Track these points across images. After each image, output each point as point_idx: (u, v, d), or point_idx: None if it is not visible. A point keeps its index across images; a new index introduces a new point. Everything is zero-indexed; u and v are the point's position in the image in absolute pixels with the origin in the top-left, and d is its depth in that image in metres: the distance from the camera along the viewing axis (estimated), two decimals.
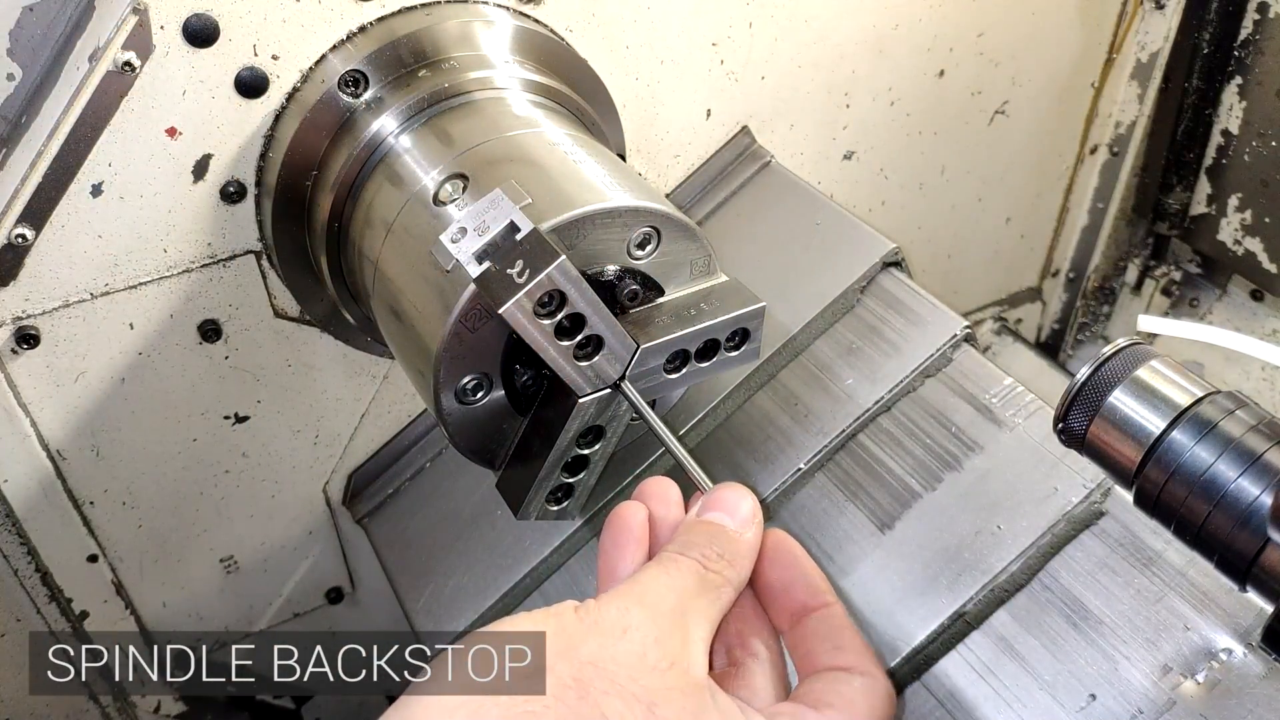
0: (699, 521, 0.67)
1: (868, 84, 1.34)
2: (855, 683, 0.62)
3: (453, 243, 0.74)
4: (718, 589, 0.63)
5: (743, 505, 0.67)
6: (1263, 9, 1.48)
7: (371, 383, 1.19)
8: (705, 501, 0.68)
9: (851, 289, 1.07)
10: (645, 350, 0.78)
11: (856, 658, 0.64)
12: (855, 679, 0.63)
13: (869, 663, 0.64)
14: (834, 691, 0.61)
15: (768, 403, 1.06)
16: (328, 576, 1.33)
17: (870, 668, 0.64)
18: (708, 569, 0.63)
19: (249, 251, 1.04)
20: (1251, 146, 1.56)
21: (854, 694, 0.62)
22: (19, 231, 0.92)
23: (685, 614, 0.60)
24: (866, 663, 0.64)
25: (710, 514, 0.67)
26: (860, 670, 0.63)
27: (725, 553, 0.64)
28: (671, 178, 1.24)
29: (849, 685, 0.62)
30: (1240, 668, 0.79)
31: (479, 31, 0.99)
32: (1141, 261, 1.81)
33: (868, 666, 0.64)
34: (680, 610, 0.60)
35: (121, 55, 0.88)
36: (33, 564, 1.12)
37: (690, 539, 0.65)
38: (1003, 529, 0.90)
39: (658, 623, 0.58)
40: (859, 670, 0.63)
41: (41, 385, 1.01)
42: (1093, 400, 0.72)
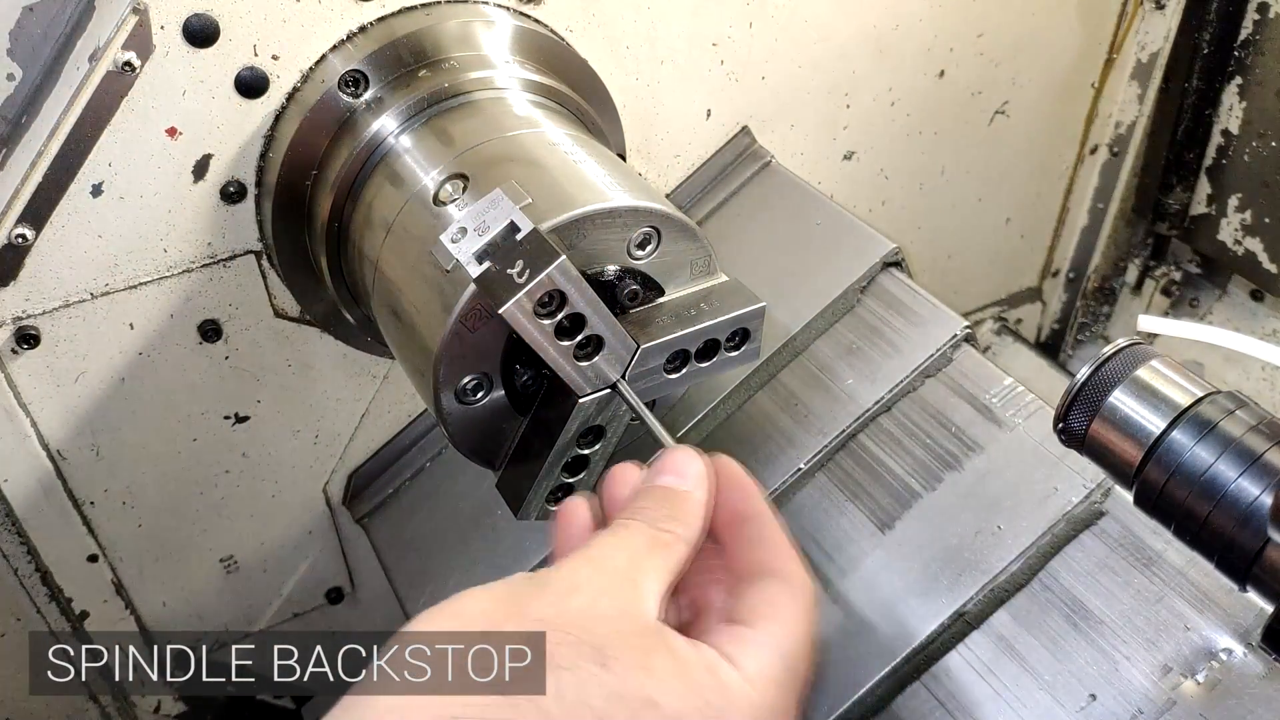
0: (649, 487, 0.67)
1: (868, 84, 1.34)
2: (774, 585, 0.63)
3: (453, 243, 0.73)
4: (669, 546, 0.63)
5: (691, 466, 0.68)
6: (1263, 9, 1.48)
7: (371, 383, 1.19)
8: (655, 467, 0.69)
9: (851, 289, 1.07)
10: (645, 350, 0.78)
11: (777, 559, 0.65)
12: (775, 582, 0.63)
13: (787, 562, 0.65)
14: (762, 601, 0.62)
15: (768, 403, 1.06)
16: (328, 576, 1.33)
17: (787, 565, 0.65)
18: (658, 529, 0.63)
19: (249, 251, 1.04)
20: (1251, 146, 1.56)
21: (776, 596, 0.62)
22: (19, 231, 0.92)
23: (636, 571, 0.60)
24: (785, 562, 0.65)
25: (660, 478, 0.68)
26: (780, 573, 0.64)
27: (676, 513, 0.65)
28: (671, 178, 1.24)
29: (771, 589, 0.63)
30: (1240, 668, 0.79)
31: (479, 31, 0.99)
32: (1141, 261, 1.81)
33: (786, 566, 0.65)
34: (631, 569, 0.60)
35: (121, 55, 0.88)
36: (33, 564, 1.12)
37: (640, 504, 0.66)
38: (1003, 529, 0.90)
39: (607, 578, 0.59)
40: (780, 573, 0.64)
41: (41, 385, 1.01)
42: (1093, 400, 0.72)
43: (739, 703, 0.56)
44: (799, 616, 0.62)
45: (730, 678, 0.57)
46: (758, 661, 0.59)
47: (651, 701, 0.54)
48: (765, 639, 0.60)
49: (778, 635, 0.60)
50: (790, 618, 0.62)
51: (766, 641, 0.60)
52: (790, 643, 0.61)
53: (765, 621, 0.61)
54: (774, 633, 0.60)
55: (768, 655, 0.59)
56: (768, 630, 0.60)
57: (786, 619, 0.61)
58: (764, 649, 0.59)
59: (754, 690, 0.57)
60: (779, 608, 0.62)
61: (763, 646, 0.59)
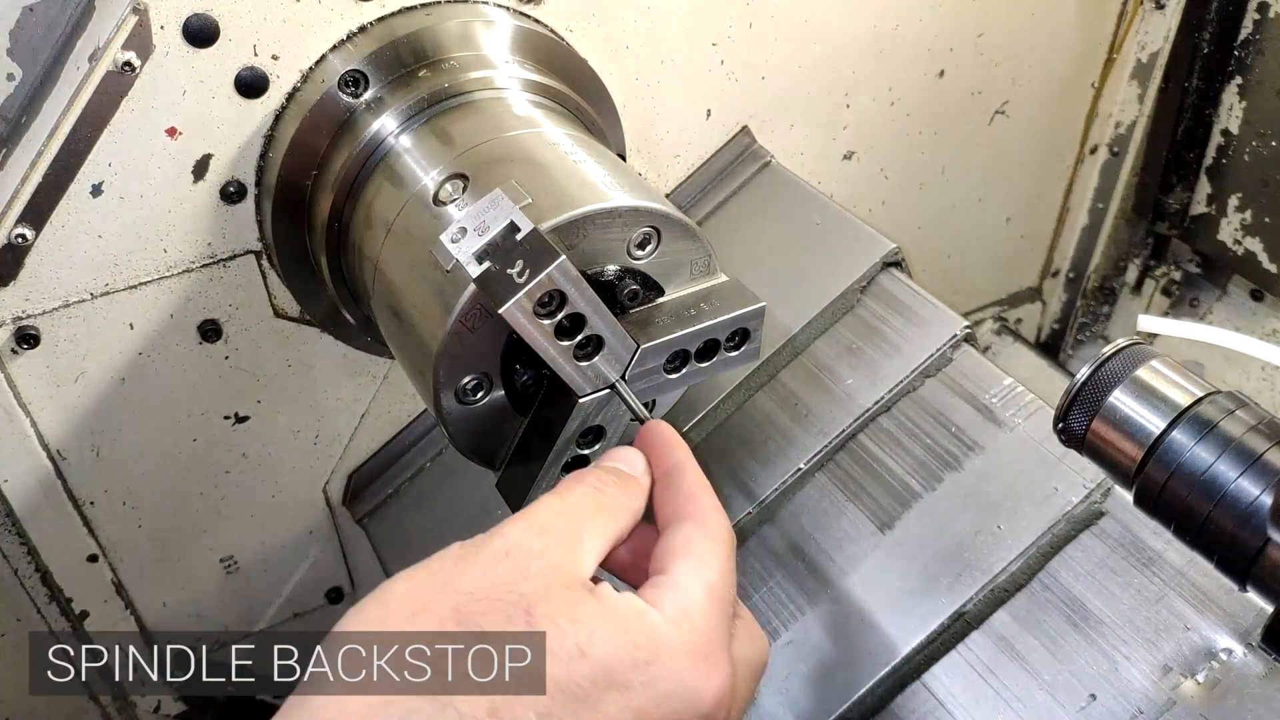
0: (598, 466, 0.71)
1: (868, 84, 1.34)
2: (688, 528, 0.65)
3: (453, 243, 0.73)
4: (612, 512, 0.65)
5: (639, 461, 0.71)
6: (1263, 9, 1.48)
7: (371, 383, 1.19)
8: (605, 456, 0.72)
9: (851, 289, 1.07)
10: (645, 350, 0.78)
11: (690, 504, 0.67)
12: (688, 525, 0.65)
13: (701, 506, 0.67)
14: (677, 545, 0.64)
15: (768, 403, 1.06)
16: (328, 576, 1.33)
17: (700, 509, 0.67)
18: (603, 493, 0.66)
19: (249, 251, 1.04)
20: (1251, 146, 1.56)
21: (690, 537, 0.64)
22: (19, 231, 0.92)
23: (577, 530, 0.62)
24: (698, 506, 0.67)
25: (607, 462, 0.71)
26: (693, 516, 0.66)
27: (622, 485, 0.68)
28: (671, 178, 1.24)
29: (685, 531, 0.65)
30: (1240, 668, 0.79)
31: (479, 31, 0.99)
32: (1141, 261, 1.81)
33: (699, 509, 0.67)
34: (571, 529, 0.62)
35: (121, 55, 0.88)
36: (33, 564, 1.12)
37: (585, 474, 0.69)
38: (1003, 529, 0.90)
39: (543, 539, 0.60)
40: (692, 517, 0.66)
41: (41, 385, 1.01)
42: (1093, 400, 0.72)
43: (667, 640, 0.58)
44: (714, 551, 0.64)
45: (655, 619, 0.59)
46: (678, 601, 0.60)
47: (580, 651, 0.55)
48: (683, 578, 0.62)
49: (695, 572, 0.62)
50: (705, 554, 0.63)
51: (684, 581, 0.62)
52: (709, 576, 0.62)
53: (681, 562, 0.63)
54: (690, 570, 0.62)
55: (688, 593, 0.61)
56: (684, 569, 0.62)
57: (701, 555, 0.63)
58: (683, 588, 0.61)
59: (679, 629, 0.59)
60: (693, 547, 0.64)
61: (681, 586, 0.61)
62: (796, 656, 0.93)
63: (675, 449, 0.72)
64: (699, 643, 0.59)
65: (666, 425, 0.74)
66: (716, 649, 0.60)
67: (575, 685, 0.54)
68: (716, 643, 0.60)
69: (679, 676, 0.57)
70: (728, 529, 0.67)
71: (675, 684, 0.57)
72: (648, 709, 0.56)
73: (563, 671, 0.54)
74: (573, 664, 0.55)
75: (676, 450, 0.72)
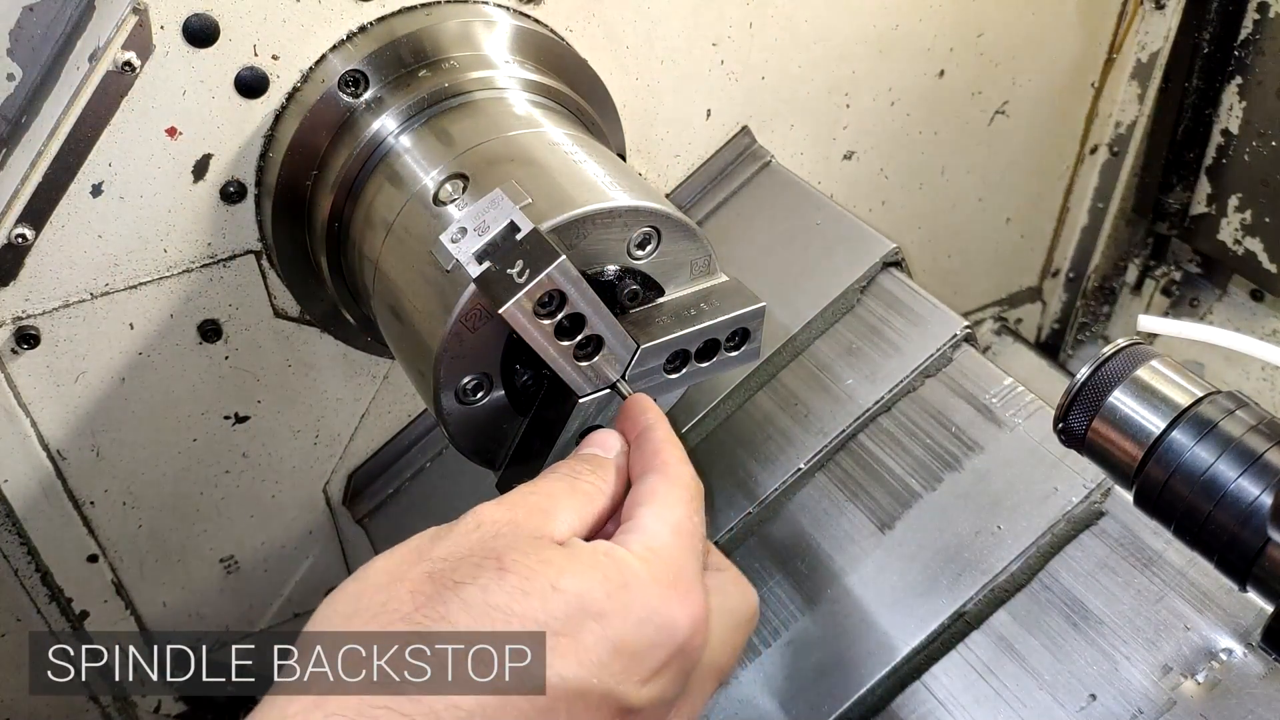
0: (575, 454, 0.73)
1: (868, 84, 1.34)
2: (650, 478, 0.67)
3: (453, 243, 0.73)
4: (587, 494, 0.67)
5: (612, 441, 0.73)
6: (1263, 9, 1.48)
7: (371, 383, 1.19)
8: (583, 442, 0.74)
9: (851, 289, 1.07)
10: (645, 350, 0.78)
11: (655, 457, 0.69)
12: (650, 475, 0.68)
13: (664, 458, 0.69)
14: (642, 493, 0.67)
15: (768, 403, 1.06)
16: (328, 576, 1.33)
17: (663, 460, 0.69)
18: (577, 478, 0.68)
19: (249, 251, 1.04)
20: (1251, 146, 1.56)
21: (653, 485, 0.67)
22: (19, 231, 0.92)
23: (548, 508, 0.64)
24: (662, 458, 0.69)
25: (586, 449, 0.73)
26: (655, 467, 0.68)
27: (597, 471, 0.69)
28: (671, 178, 1.24)
29: (648, 481, 0.67)
30: (1240, 668, 0.79)
31: (479, 31, 0.99)
32: (1141, 261, 1.81)
33: (662, 460, 0.69)
34: (543, 506, 0.64)
35: (121, 55, 0.88)
36: (33, 564, 1.12)
37: (560, 464, 0.71)
38: (1003, 529, 0.90)
39: (514, 511, 0.62)
40: (654, 467, 0.68)
41: (41, 385, 1.01)
42: (1093, 400, 0.72)
43: (635, 572, 0.60)
44: (677, 496, 0.66)
45: (623, 554, 0.61)
46: (643, 540, 0.62)
47: (554, 587, 0.57)
48: (648, 521, 0.64)
49: (659, 515, 0.64)
50: (668, 498, 0.66)
51: (649, 523, 0.64)
52: (673, 516, 0.65)
53: (645, 508, 0.65)
54: (654, 514, 0.64)
55: (654, 533, 0.63)
56: (649, 514, 0.65)
57: (665, 500, 0.66)
58: (649, 530, 0.63)
59: (648, 564, 0.61)
60: (657, 493, 0.66)
61: (647, 529, 0.63)
62: (796, 656, 0.93)
63: (647, 413, 0.74)
64: (667, 574, 0.61)
65: (642, 396, 0.76)
66: (686, 579, 0.62)
67: (551, 619, 0.56)
68: (685, 574, 0.62)
69: (650, 604, 0.59)
70: (691, 476, 0.69)
71: (648, 610, 0.59)
72: (624, 636, 0.57)
73: (538, 607, 0.56)
74: (547, 600, 0.56)
75: (649, 414, 0.74)
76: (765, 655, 0.94)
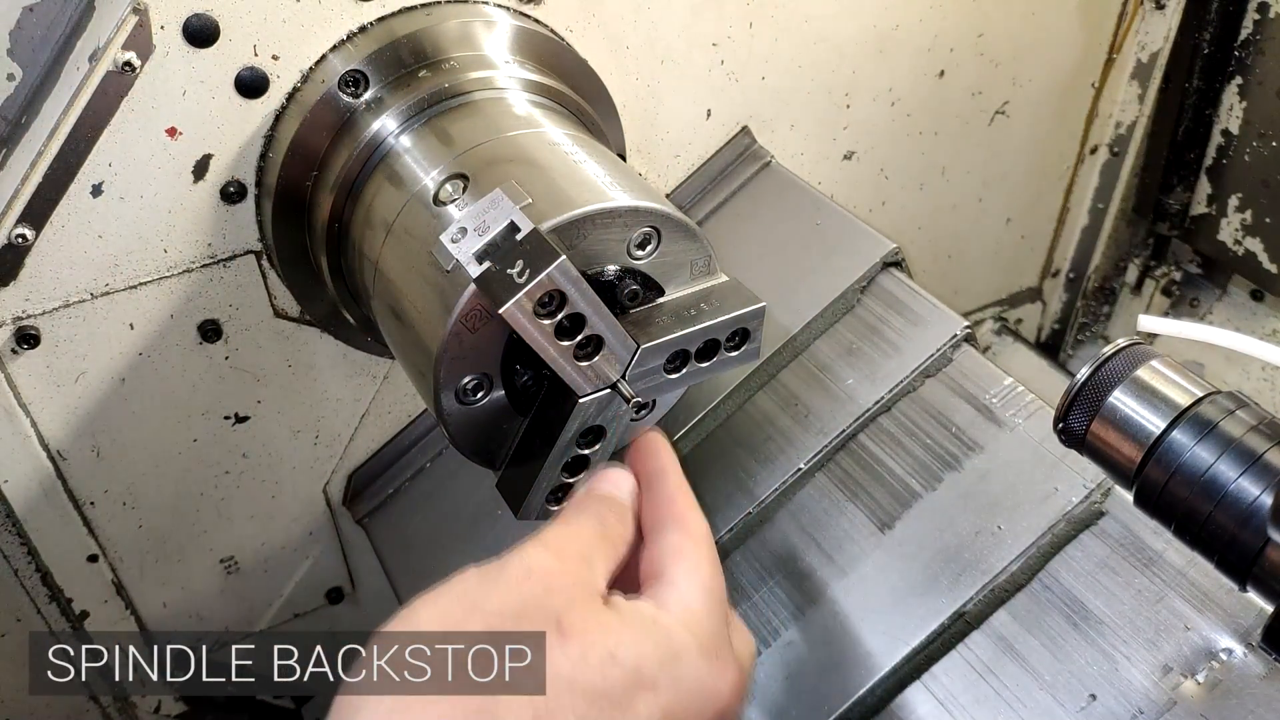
0: (591, 494, 0.73)
1: (868, 84, 1.34)
2: (673, 534, 0.69)
3: (453, 243, 0.73)
4: (614, 542, 0.69)
5: (625, 481, 0.74)
6: (1263, 9, 1.48)
7: (371, 383, 1.19)
8: (594, 479, 0.75)
9: (851, 289, 1.07)
10: (645, 350, 0.78)
11: (672, 509, 0.71)
12: (672, 531, 0.69)
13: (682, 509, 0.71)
14: (667, 550, 0.68)
15: (768, 403, 1.06)
16: (328, 576, 1.33)
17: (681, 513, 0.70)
18: (604, 524, 0.69)
19: (249, 251, 1.04)
20: (1251, 146, 1.56)
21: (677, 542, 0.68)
22: (19, 231, 0.92)
23: (588, 555, 0.65)
24: (680, 510, 0.71)
25: (601, 488, 0.74)
26: (676, 520, 0.70)
27: (618, 516, 0.71)
28: (671, 178, 1.24)
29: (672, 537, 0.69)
30: (1240, 668, 0.79)
31: (479, 32, 0.99)
32: (1142, 261, 1.81)
33: (681, 513, 0.70)
34: (583, 552, 0.65)
35: (121, 55, 0.88)
36: (33, 564, 1.12)
37: (585, 503, 0.71)
38: (1003, 529, 0.90)
39: (562, 560, 0.63)
40: (675, 521, 0.70)
41: (41, 385, 1.01)
42: (1093, 400, 0.72)
43: (682, 638, 0.62)
44: (701, 553, 0.68)
45: (667, 620, 0.62)
46: (681, 600, 0.64)
47: (612, 656, 0.58)
48: (681, 581, 0.66)
49: (690, 574, 0.66)
50: (695, 556, 0.67)
51: (683, 583, 0.65)
52: (703, 577, 0.66)
53: (675, 566, 0.67)
54: (685, 573, 0.66)
55: (689, 595, 0.65)
56: (680, 573, 0.66)
57: (692, 558, 0.67)
58: (683, 590, 0.65)
59: (687, 626, 0.63)
60: (683, 551, 0.68)
61: (681, 589, 0.65)
62: (797, 656, 0.93)
63: (659, 454, 0.75)
64: (711, 643, 0.63)
65: (656, 435, 0.78)
66: (724, 646, 0.64)
67: (610, 689, 0.57)
68: (722, 640, 0.64)
69: (699, 676, 0.61)
70: (707, 529, 0.70)
71: (697, 683, 0.61)
72: (675, 708, 0.59)
73: (598, 677, 0.57)
74: (605, 669, 0.57)
75: (661, 455, 0.75)
76: (765, 655, 0.94)
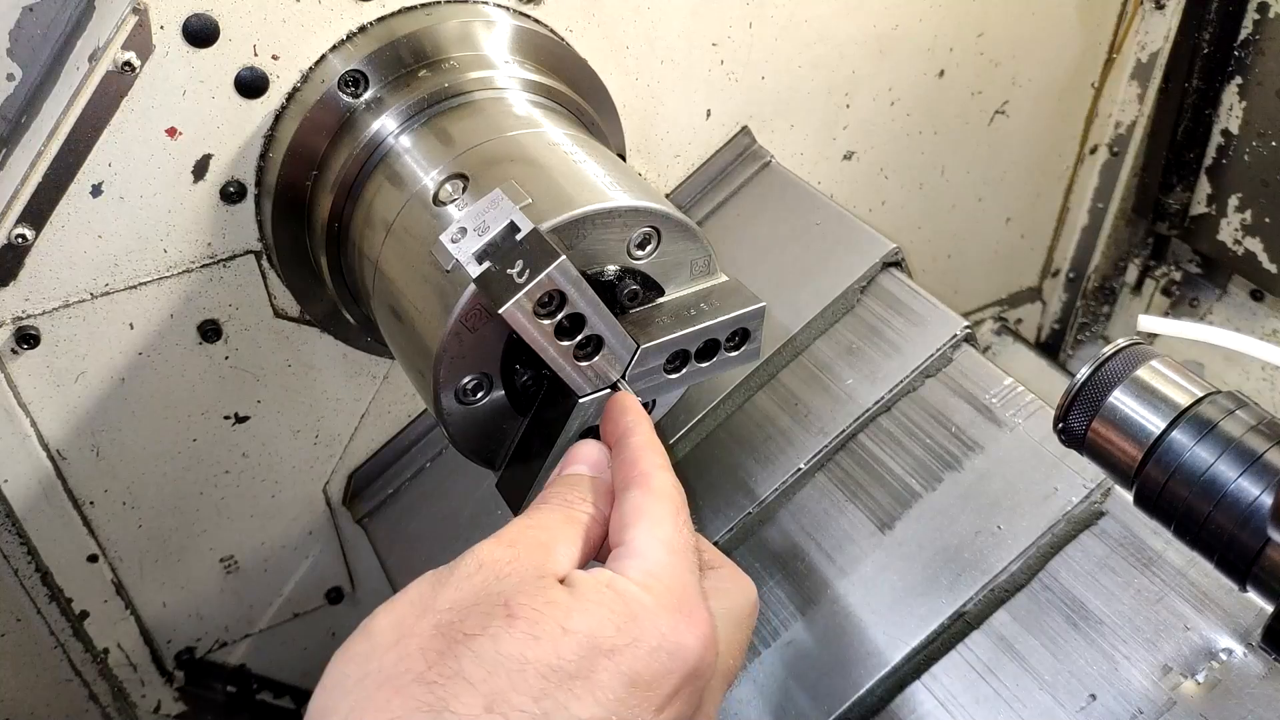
0: (562, 476, 0.72)
1: (868, 84, 1.34)
2: (635, 494, 0.67)
3: (453, 243, 0.73)
4: (580, 522, 0.67)
5: (592, 455, 0.73)
6: (1263, 9, 1.48)
7: (371, 383, 1.19)
8: (565, 459, 0.74)
9: (851, 289, 1.07)
10: (645, 350, 0.78)
11: (636, 468, 0.69)
12: (635, 491, 0.67)
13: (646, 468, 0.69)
14: (629, 512, 0.66)
15: (768, 403, 1.06)
16: (328, 576, 1.33)
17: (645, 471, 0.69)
18: (571, 506, 0.68)
19: (249, 251, 1.04)
20: (1251, 146, 1.56)
21: (639, 502, 0.66)
22: (19, 231, 0.92)
23: (547, 542, 0.64)
24: (644, 469, 0.69)
25: (571, 468, 0.73)
26: (638, 480, 0.68)
27: (586, 494, 0.69)
28: (671, 178, 1.25)
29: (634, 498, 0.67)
30: (1240, 668, 0.79)
31: (479, 31, 0.99)
32: (1141, 261, 1.81)
33: (645, 471, 0.69)
34: (541, 539, 0.64)
35: (121, 55, 0.88)
36: (33, 564, 1.12)
37: (549, 492, 0.70)
38: (1003, 529, 0.90)
39: (514, 549, 0.62)
40: (637, 481, 0.68)
41: (41, 385, 1.01)
42: (1093, 400, 0.72)
43: (642, 601, 0.60)
44: (663, 509, 0.66)
45: (624, 585, 0.61)
46: (642, 564, 0.62)
47: (564, 629, 0.56)
48: (641, 543, 0.64)
49: (650, 533, 0.64)
50: (655, 514, 0.66)
51: (642, 545, 0.64)
52: (663, 533, 0.64)
53: (635, 529, 0.65)
54: (645, 533, 0.64)
55: (649, 555, 0.63)
56: (640, 534, 0.64)
57: (653, 516, 0.65)
58: (643, 553, 0.63)
59: (646, 586, 0.61)
60: (643, 510, 0.66)
61: (641, 551, 0.63)
62: (797, 656, 0.93)
63: (626, 414, 0.74)
64: (671, 598, 0.61)
65: (623, 395, 0.76)
66: (690, 600, 0.62)
67: (565, 662, 0.55)
68: (689, 594, 0.62)
69: (660, 632, 0.59)
70: (672, 484, 0.69)
71: (658, 639, 0.59)
72: (637, 668, 0.57)
73: (550, 653, 0.55)
74: (558, 644, 0.56)
75: (627, 415, 0.74)
76: (765, 655, 0.94)
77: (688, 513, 0.68)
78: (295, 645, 1.38)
